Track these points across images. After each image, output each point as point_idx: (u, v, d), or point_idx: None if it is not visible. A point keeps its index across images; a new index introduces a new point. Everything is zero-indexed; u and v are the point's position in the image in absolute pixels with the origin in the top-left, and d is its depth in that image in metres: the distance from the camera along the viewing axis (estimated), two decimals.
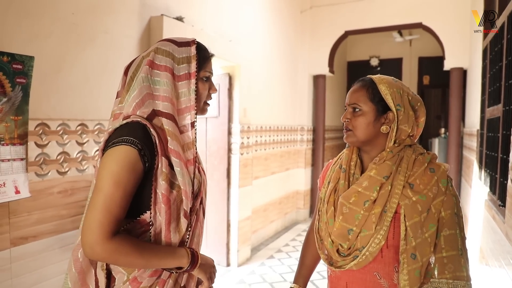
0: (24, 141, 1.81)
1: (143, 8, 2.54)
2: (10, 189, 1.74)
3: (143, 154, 0.93)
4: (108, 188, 0.89)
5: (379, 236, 1.06)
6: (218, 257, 3.78)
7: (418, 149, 1.15)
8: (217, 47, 3.26)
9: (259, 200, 4.41)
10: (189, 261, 1.00)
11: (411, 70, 6.99)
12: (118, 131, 0.96)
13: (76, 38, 2.07)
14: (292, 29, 5.16)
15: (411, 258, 1.02)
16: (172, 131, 0.99)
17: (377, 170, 1.10)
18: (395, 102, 1.11)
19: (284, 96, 5.00)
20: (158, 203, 0.96)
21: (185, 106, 1.04)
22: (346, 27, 5.19)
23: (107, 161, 0.92)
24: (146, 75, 1.01)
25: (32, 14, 1.85)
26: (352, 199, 1.10)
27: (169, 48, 1.05)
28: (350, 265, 1.09)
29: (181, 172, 0.98)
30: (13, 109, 1.75)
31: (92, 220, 0.88)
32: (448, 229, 1.03)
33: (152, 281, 1.00)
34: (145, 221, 0.98)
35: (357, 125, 1.13)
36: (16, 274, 1.80)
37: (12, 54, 1.72)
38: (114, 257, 0.90)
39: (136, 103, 0.99)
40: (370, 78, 1.16)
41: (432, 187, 1.05)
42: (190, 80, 1.04)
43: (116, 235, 0.90)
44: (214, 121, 3.76)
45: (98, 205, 0.88)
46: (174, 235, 1.00)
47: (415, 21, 4.77)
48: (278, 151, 4.94)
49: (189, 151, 1.04)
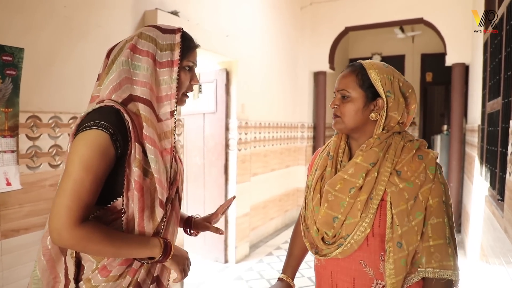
0: (15, 133, 1.81)
1: (137, 2, 2.53)
2: (1, 181, 1.74)
3: (115, 139, 0.91)
4: (77, 173, 0.86)
5: (364, 224, 1.03)
6: (216, 253, 3.77)
7: (407, 136, 1.12)
8: (214, 42, 3.25)
9: (258, 197, 4.39)
10: (161, 252, 0.97)
11: (414, 67, 6.93)
12: (90, 115, 0.93)
13: (69, 31, 2.07)
14: (292, 25, 5.13)
15: (397, 246, 0.99)
16: (148, 117, 0.97)
17: (364, 156, 1.07)
18: (385, 89, 1.09)
19: (284, 93, 4.97)
20: (131, 190, 0.94)
21: (165, 94, 1.01)
22: (347, 23, 5.15)
23: (77, 145, 0.90)
24: (126, 59, 0.99)
25: (24, 7, 1.84)
26: (338, 186, 1.08)
27: (153, 34, 1.02)
28: (334, 253, 1.07)
29: (155, 160, 0.96)
30: (3, 101, 1.75)
31: (60, 205, 0.85)
32: (436, 218, 1.00)
33: (122, 270, 0.97)
34: (116, 208, 0.95)
35: (346, 112, 1.11)
36: (8, 266, 1.80)
37: (1, 46, 1.71)
38: (82, 244, 0.87)
39: (113, 86, 0.96)
40: (360, 64, 1.14)
41: (419, 174, 1.03)
42: (173, 68, 1.01)
43: (86, 222, 0.88)
44: (211, 116, 3.74)
45: (66, 190, 0.86)
46: (147, 224, 0.97)
47: (416, 16, 4.72)
48: (278, 148, 4.91)
49: (166, 140, 1.01)
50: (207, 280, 3.35)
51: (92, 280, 0.95)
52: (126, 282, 0.97)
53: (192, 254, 3.93)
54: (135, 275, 0.99)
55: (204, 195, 3.87)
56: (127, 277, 0.97)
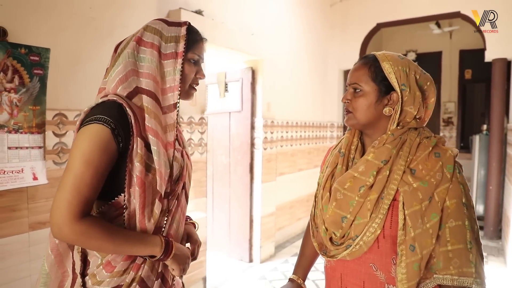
0: (42, 130, 1.89)
1: (161, 2, 2.58)
2: (28, 175, 1.82)
3: (116, 134, 0.90)
4: (78, 168, 0.87)
5: (374, 225, 0.98)
6: (241, 252, 3.77)
7: (425, 132, 1.05)
8: (239, 41, 3.24)
9: (285, 197, 4.34)
10: (162, 251, 0.96)
11: (452, 64, 6.60)
12: (93, 110, 0.94)
13: (93, 32, 2.14)
14: (321, 23, 5.04)
15: (410, 250, 0.93)
16: (151, 108, 0.96)
17: (375, 154, 1.02)
18: (399, 82, 1.02)
19: (312, 92, 4.89)
20: (133, 186, 0.93)
21: (169, 86, 1.00)
22: (378, 19, 4.99)
23: (79, 140, 0.90)
24: (132, 51, 0.99)
25: (50, 8, 1.92)
26: (347, 185, 1.02)
27: (159, 26, 1.03)
28: (342, 255, 1.02)
29: (157, 151, 0.95)
30: (31, 99, 1.83)
31: (61, 200, 0.85)
32: (454, 220, 0.93)
33: (127, 266, 0.97)
34: (120, 204, 0.95)
35: (357, 107, 1.05)
36: (35, 256, 1.88)
37: (29, 46, 1.79)
38: (82, 239, 0.87)
39: (120, 78, 0.96)
40: (373, 55, 1.08)
41: (435, 173, 0.95)
42: (177, 60, 1.01)
43: (86, 217, 0.88)
44: (237, 115, 3.75)
45: (67, 184, 0.86)
46: (148, 220, 0.96)
47: (453, 10, 4.48)
48: (306, 148, 4.84)
49: (170, 132, 1.00)
50: (230, 279, 3.36)
51: (97, 276, 0.96)
52: (130, 277, 0.97)
53: (218, 252, 3.96)
54: (139, 271, 0.98)
55: (230, 194, 3.88)
56: (131, 272, 0.97)
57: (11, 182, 1.74)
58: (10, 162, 1.75)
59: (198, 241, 1.20)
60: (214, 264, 3.67)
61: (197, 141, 2.86)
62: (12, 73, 1.74)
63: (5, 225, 1.78)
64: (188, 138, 2.76)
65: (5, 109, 1.72)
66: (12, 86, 1.74)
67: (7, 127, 1.73)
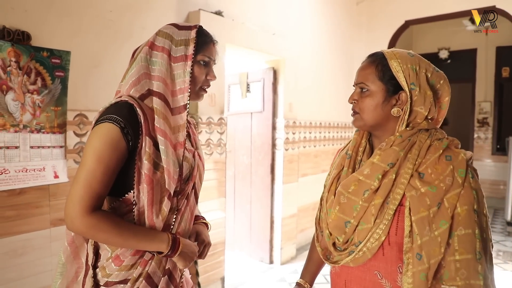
0: (63, 130, 1.95)
1: (181, 4, 2.61)
2: (50, 174, 1.89)
3: (126, 132, 0.95)
4: (90, 164, 0.92)
5: (378, 231, 0.94)
6: (262, 253, 3.76)
7: (437, 134, 0.99)
8: (260, 41, 3.23)
9: (307, 198, 4.28)
10: (168, 247, 1.00)
11: (488, 61, 6.27)
12: (106, 110, 0.99)
13: (113, 34, 2.19)
14: (347, 21, 4.93)
15: (417, 258, 0.88)
16: (160, 110, 1.00)
17: (381, 156, 0.97)
18: (408, 81, 0.97)
19: (336, 92, 4.80)
20: (142, 183, 0.97)
21: (179, 87, 1.05)
22: (407, 16, 4.82)
23: (91, 138, 0.96)
24: (145, 55, 1.04)
25: (71, 12, 1.99)
26: (352, 188, 0.99)
27: (169, 31, 1.07)
28: (345, 261, 0.99)
29: (165, 150, 0.98)
30: (53, 100, 1.90)
31: (74, 195, 0.91)
32: (464, 228, 0.87)
33: (135, 260, 1.01)
34: (130, 201, 0.99)
35: (364, 107, 1.01)
36: (56, 252, 1.95)
37: (51, 50, 1.86)
38: (92, 232, 0.92)
39: (133, 81, 1.02)
40: (381, 53, 1.03)
41: (445, 177, 0.90)
42: (186, 62, 1.05)
43: (97, 211, 0.93)
44: (258, 116, 3.74)
45: (80, 179, 0.92)
46: (156, 216, 0.99)
47: (487, 5, 4.25)
48: (330, 149, 4.75)
49: (180, 133, 1.04)
50: (249, 280, 3.35)
51: (106, 268, 1.01)
52: (137, 272, 1.01)
53: (239, 252, 3.96)
54: (146, 266, 1.02)
55: (251, 194, 3.87)
56: (138, 267, 1.01)
57: (33, 180, 1.82)
58: (32, 160, 1.82)
59: (205, 240, 1.21)
60: (234, 264, 3.68)
61: (216, 142, 2.87)
62: (35, 76, 1.82)
63: (28, 221, 1.85)
64: (207, 139, 2.78)
65: (28, 110, 1.80)
66: (35, 88, 1.82)
67: (30, 127, 1.81)
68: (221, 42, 2.79)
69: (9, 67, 1.72)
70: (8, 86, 1.72)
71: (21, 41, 1.77)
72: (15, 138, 1.76)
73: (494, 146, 6.27)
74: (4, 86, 1.71)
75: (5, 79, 1.71)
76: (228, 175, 3.87)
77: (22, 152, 1.79)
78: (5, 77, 1.71)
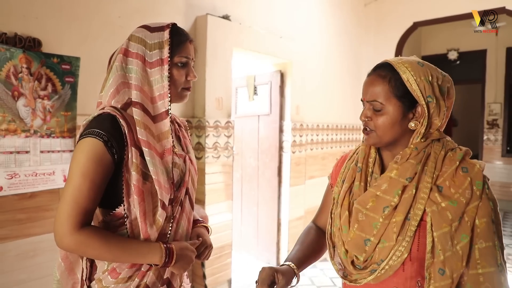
0: (73, 134, 1.99)
1: (188, 9, 2.63)
2: (59, 177, 1.93)
3: (110, 146, 0.93)
4: (75, 180, 0.90)
5: (401, 248, 0.91)
6: (268, 255, 3.76)
7: (449, 143, 0.97)
8: (267, 44, 3.24)
9: (314, 201, 4.27)
10: (162, 259, 0.97)
11: (498, 63, 6.19)
12: (89, 124, 0.97)
13: (122, 40, 2.18)
14: (355, 23, 4.91)
15: (439, 274, 0.87)
16: (140, 120, 0.96)
17: (399, 170, 0.94)
18: (425, 94, 0.93)
19: (344, 94, 4.79)
20: (131, 195, 0.95)
21: (158, 93, 1.00)
22: (415, 17, 4.78)
23: (75, 154, 0.94)
24: (120, 64, 1.00)
25: (81, 19, 2.02)
26: (369, 205, 0.96)
27: (142, 35, 1.02)
28: (367, 280, 0.96)
29: (152, 161, 0.96)
30: (63, 106, 1.93)
31: (62, 212, 0.90)
32: (485, 241, 0.87)
33: (131, 273, 0.99)
34: (121, 214, 0.97)
35: (380, 126, 0.97)
36: None
37: (61, 56, 1.90)
38: (82, 249, 0.91)
39: (111, 92, 0.99)
40: (389, 64, 0.98)
41: (464, 190, 0.89)
42: (163, 66, 1.00)
43: (85, 228, 0.91)
44: (265, 118, 3.75)
45: (67, 196, 0.90)
46: (150, 227, 0.97)
47: (497, 6, 4.20)
48: (337, 151, 4.74)
49: (165, 140, 1.01)
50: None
51: (103, 281, 0.99)
52: (135, 284, 0.98)
53: (246, 254, 3.97)
54: (144, 278, 0.99)
55: (258, 196, 3.88)
56: (136, 279, 0.99)
57: (42, 183, 1.85)
58: (42, 165, 1.86)
59: (207, 242, 1.18)
60: (241, 266, 3.69)
61: (223, 145, 2.89)
62: (46, 81, 1.85)
63: (39, 224, 1.89)
64: (214, 142, 2.79)
65: (39, 115, 1.83)
66: (45, 93, 1.85)
67: (40, 132, 1.84)
68: (228, 45, 2.81)
69: (20, 73, 1.76)
70: (19, 92, 1.76)
71: (32, 47, 1.80)
72: (25, 143, 1.80)
73: (504, 148, 6.19)
74: (16, 92, 1.75)
75: (17, 85, 1.75)
76: (235, 177, 3.88)
77: (32, 156, 1.82)
78: (16, 83, 1.75)
